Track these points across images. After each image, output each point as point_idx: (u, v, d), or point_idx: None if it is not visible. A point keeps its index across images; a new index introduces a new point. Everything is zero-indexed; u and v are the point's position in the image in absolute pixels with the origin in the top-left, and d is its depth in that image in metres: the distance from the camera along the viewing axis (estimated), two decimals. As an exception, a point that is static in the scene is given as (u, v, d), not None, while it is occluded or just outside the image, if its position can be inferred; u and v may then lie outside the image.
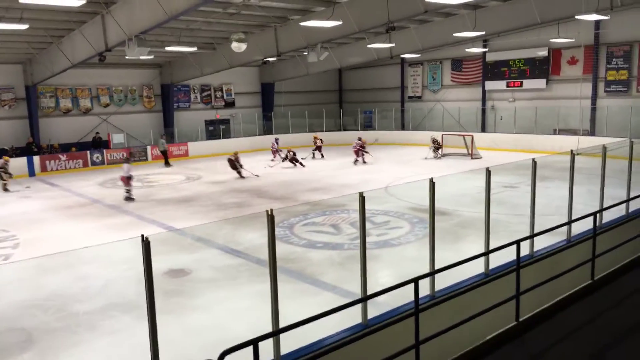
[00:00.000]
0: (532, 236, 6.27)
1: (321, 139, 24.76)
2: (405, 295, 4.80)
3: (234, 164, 19.09)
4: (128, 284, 8.20)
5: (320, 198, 14.66)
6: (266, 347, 3.72)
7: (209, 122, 29.79)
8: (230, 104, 30.83)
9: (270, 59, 23.08)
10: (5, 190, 17.66)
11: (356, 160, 21.85)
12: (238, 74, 29.38)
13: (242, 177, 18.81)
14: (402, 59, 30.17)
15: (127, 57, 16.99)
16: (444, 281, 5.37)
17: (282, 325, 4.25)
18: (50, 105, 24.52)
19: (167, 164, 23.58)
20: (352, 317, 4.78)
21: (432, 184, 5.20)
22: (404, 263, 9.13)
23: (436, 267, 5.23)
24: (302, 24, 16.61)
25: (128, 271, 8.64)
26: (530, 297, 5.46)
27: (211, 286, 8.18)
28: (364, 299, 4.44)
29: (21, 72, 23.30)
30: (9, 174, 18.08)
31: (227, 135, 29.72)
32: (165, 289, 7.78)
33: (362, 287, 4.75)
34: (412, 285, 4.45)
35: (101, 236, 11.38)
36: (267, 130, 30.52)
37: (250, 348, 3.40)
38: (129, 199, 15.36)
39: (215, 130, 29.64)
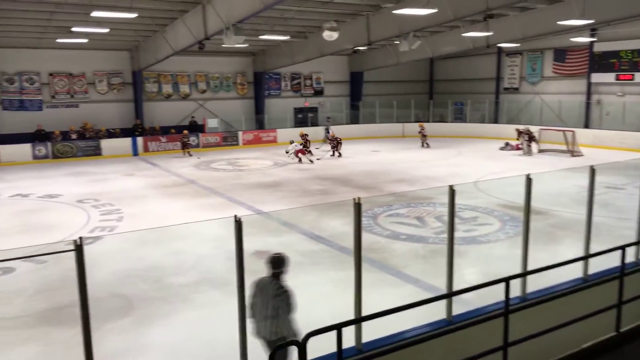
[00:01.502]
0: (639, 242, 5.77)
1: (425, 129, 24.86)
2: (491, 295, 4.62)
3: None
4: (217, 261, 8.62)
5: (405, 190, 14.46)
6: (347, 333, 3.74)
7: (297, 110, 30.36)
8: (319, 92, 31.18)
9: (360, 48, 22.99)
10: (190, 155, 22.67)
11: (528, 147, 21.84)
12: (328, 63, 29.59)
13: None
14: (499, 48, 28.74)
15: (223, 46, 17.77)
16: (536, 283, 5.11)
17: (364, 313, 4.27)
18: (154, 90, 26.23)
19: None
20: (433, 313, 4.68)
21: (528, 180, 4.95)
22: (491, 261, 8.79)
23: (529, 268, 4.98)
24: (395, 12, 16.32)
25: (217, 249, 9.07)
26: (633, 307, 5.02)
27: (295, 270, 8.31)
28: (450, 294, 4.33)
29: (128, 59, 25.11)
30: (187, 145, 22.93)
31: (314, 123, 30.13)
32: (252, 269, 8.03)
33: (447, 283, 4.65)
34: (499, 285, 4.26)
35: (194, 214, 12.07)
36: (354, 120, 30.56)
37: (332, 333, 3.45)
38: (311, 161, 19.60)
39: (304, 118, 30.15)
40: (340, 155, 21.68)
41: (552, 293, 4.85)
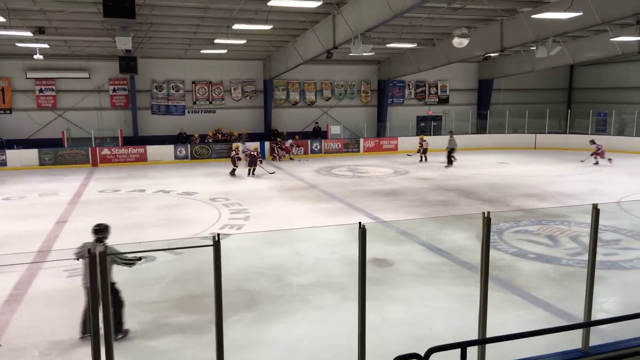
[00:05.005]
0: None
1: (427, 142, 22.99)
2: (632, 328, 4.13)
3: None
4: (335, 265, 8.76)
5: (536, 206, 13.49)
6: (468, 353, 3.56)
7: (420, 118, 29.89)
8: (443, 101, 30.41)
9: (492, 55, 21.99)
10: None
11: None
12: (455, 70, 28.77)
13: None
14: (653, 53, 25.69)
15: (350, 54, 18.07)
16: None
17: (487, 334, 4.04)
18: (282, 97, 27.56)
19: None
20: (563, 341, 4.28)
21: (691, 202, 4.33)
22: (635, 290, 7.86)
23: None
24: (534, 16, 15.36)
25: (335, 254, 9.23)
26: None
27: (412, 280, 8.22)
28: (590, 323, 3.92)
29: (261, 68, 26.68)
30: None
31: (437, 132, 29.41)
32: (369, 276, 8.03)
33: (586, 310, 4.22)
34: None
35: (315, 218, 12.40)
36: (480, 129, 29.29)
37: (451, 351, 3.31)
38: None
39: (426, 126, 29.58)
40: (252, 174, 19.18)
41: None
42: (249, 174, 19.32)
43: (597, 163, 20.81)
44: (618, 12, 14.48)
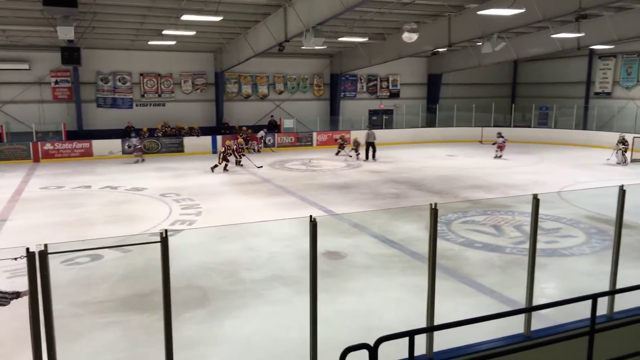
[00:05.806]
0: None
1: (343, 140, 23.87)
2: (571, 312, 4.35)
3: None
4: (289, 259, 8.77)
5: (482, 196, 13.96)
6: (417, 341, 3.66)
7: (372, 112, 30.24)
8: (395, 95, 30.88)
9: (440, 50, 22.49)
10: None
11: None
12: (405, 65, 29.22)
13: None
14: (591, 50, 27.05)
15: (302, 48, 18.03)
16: (624, 303, 4.73)
17: (436, 322, 4.16)
18: (234, 90, 27.18)
19: None
20: (507, 326, 4.47)
21: (622, 191, 4.60)
22: (574, 276, 8.27)
23: (618, 287, 4.63)
24: (479, 12, 15.81)
25: (289, 247, 9.23)
26: None
27: (365, 272, 8.34)
28: (530, 309, 4.11)
29: (212, 60, 26.19)
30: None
31: (389, 125, 29.86)
32: (322, 269, 8.08)
33: (527, 296, 4.42)
34: (582, 302, 3.99)
35: (268, 212, 12.35)
36: (430, 123, 29.96)
37: (403, 339, 3.39)
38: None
39: (378, 120, 29.96)
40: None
41: (644, 315, 4.48)
42: (236, 164, 19.80)
43: (500, 156, 21.65)
44: (558, 10, 15.13)
